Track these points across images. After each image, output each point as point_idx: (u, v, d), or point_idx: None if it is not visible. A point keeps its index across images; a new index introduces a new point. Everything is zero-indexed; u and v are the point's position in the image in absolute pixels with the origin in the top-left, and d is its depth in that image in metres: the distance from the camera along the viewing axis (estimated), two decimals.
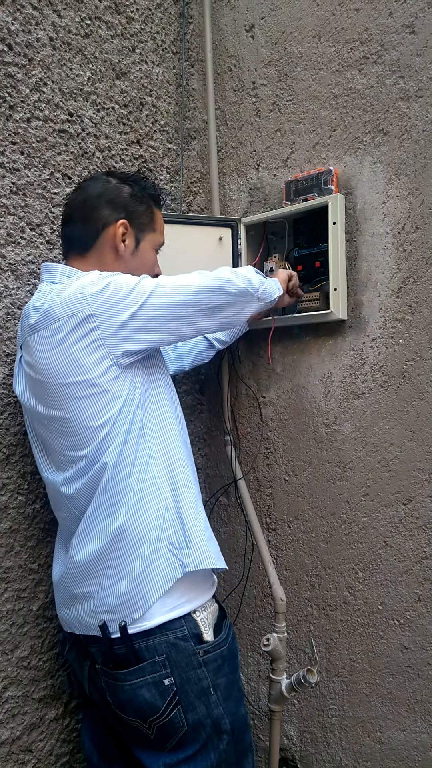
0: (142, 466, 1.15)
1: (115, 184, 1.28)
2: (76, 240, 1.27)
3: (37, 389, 1.17)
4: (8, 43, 1.33)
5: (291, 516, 1.69)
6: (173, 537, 1.14)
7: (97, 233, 1.25)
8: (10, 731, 1.34)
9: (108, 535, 1.12)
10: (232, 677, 1.18)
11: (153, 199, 1.32)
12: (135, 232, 1.28)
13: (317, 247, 1.58)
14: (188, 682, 1.12)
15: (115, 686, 1.12)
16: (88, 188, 1.28)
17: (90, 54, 1.52)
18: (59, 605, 1.25)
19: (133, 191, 1.29)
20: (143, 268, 1.31)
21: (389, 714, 1.51)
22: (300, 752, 1.69)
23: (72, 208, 1.29)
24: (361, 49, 1.52)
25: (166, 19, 1.76)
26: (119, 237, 1.26)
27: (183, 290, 1.17)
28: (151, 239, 1.32)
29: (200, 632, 1.14)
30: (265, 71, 1.71)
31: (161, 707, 1.10)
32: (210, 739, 1.14)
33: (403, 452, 1.48)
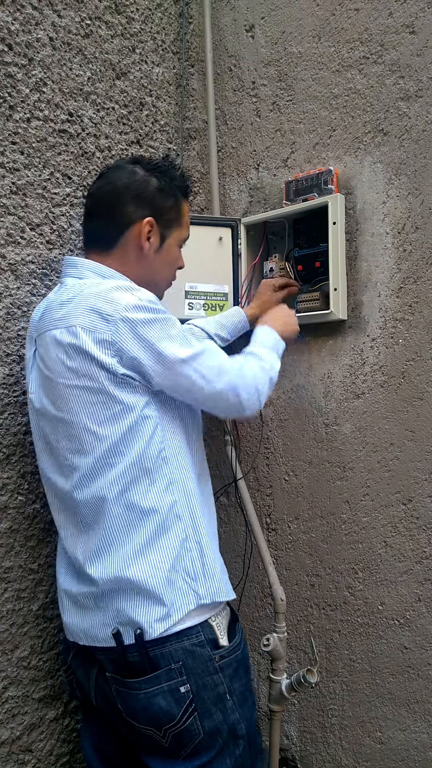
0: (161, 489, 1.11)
1: (142, 176, 1.21)
2: (99, 236, 1.21)
3: (47, 386, 1.14)
4: (8, 43, 1.33)
5: (291, 516, 1.69)
6: (189, 567, 1.11)
7: (121, 231, 1.20)
8: (10, 731, 1.34)
9: (125, 557, 1.08)
10: (246, 681, 1.16)
11: (181, 191, 1.26)
12: (160, 229, 1.22)
13: (317, 247, 1.58)
14: (205, 688, 1.09)
15: (128, 695, 1.09)
16: (114, 179, 1.21)
17: (90, 54, 1.52)
18: (65, 613, 1.20)
19: (160, 184, 1.22)
20: (166, 266, 1.27)
21: (389, 714, 1.51)
22: (300, 752, 1.69)
23: (95, 200, 1.22)
24: (361, 49, 1.52)
25: (166, 19, 1.76)
26: (144, 236, 1.20)
27: (205, 384, 1.12)
28: (176, 235, 1.26)
29: (216, 637, 1.12)
30: (265, 71, 1.71)
31: (177, 715, 1.07)
32: (226, 744, 1.11)
33: (403, 452, 1.48)
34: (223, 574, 1.17)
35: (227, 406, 1.17)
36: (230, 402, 1.15)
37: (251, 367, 1.19)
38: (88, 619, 1.13)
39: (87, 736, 1.28)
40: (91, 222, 1.23)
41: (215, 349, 1.15)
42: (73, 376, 1.09)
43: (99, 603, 1.11)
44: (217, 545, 1.19)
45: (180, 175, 1.26)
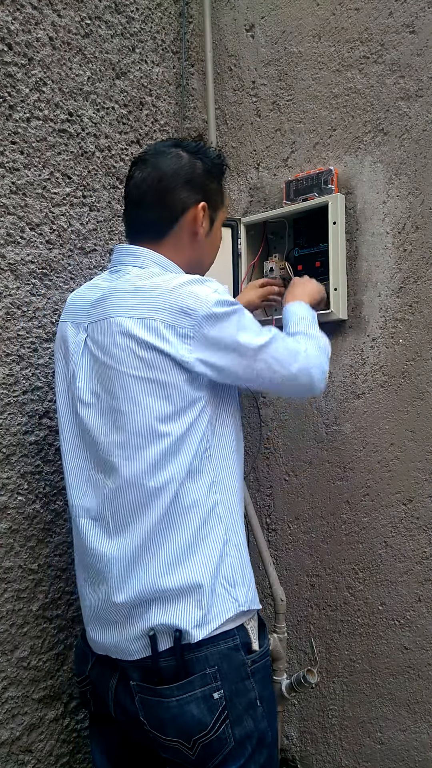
0: (204, 489, 1.08)
1: (187, 159, 1.17)
2: (150, 225, 1.17)
3: (104, 375, 1.09)
4: (8, 43, 1.33)
5: (291, 516, 1.68)
6: (229, 572, 1.08)
7: (175, 218, 1.16)
8: (10, 732, 1.33)
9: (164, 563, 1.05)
10: (272, 689, 1.14)
11: (221, 172, 1.24)
12: (210, 212, 1.20)
13: (317, 246, 1.58)
14: (237, 694, 1.04)
15: (156, 704, 1.03)
16: (160, 164, 1.16)
17: (90, 53, 1.52)
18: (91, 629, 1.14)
19: (206, 167, 1.19)
20: (214, 248, 1.26)
21: (389, 714, 1.51)
22: (300, 753, 1.69)
23: (143, 189, 1.17)
24: (361, 49, 1.52)
25: (166, 19, 1.75)
26: (200, 221, 1.17)
27: (281, 368, 1.13)
28: (221, 217, 1.25)
29: (250, 641, 1.08)
30: (265, 71, 1.71)
31: (209, 723, 1.02)
32: (254, 753, 1.06)
33: (403, 452, 1.48)
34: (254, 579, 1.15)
35: (301, 388, 1.19)
36: (303, 383, 1.18)
37: (312, 348, 1.21)
38: (118, 633, 1.08)
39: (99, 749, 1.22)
40: (140, 212, 1.18)
41: (282, 335, 1.18)
42: (146, 367, 1.05)
43: (132, 614, 1.06)
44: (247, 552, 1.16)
45: (217, 155, 1.24)
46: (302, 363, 1.16)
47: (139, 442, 1.06)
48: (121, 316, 1.07)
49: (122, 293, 1.10)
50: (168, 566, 1.05)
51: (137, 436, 1.06)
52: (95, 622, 1.12)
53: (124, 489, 1.07)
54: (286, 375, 1.14)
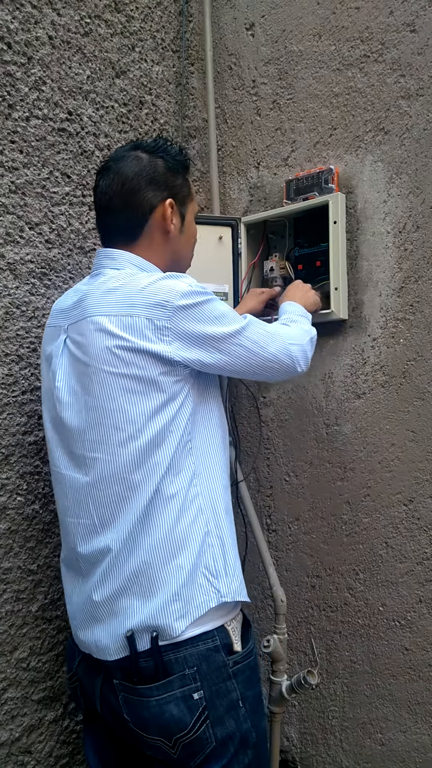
0: (185, 481, 1.09)
1: (148, 159, 1.19)
2: (121, 229, 1.19)
3: (82, 374, 1.11)
4: (7, 42, 1.33)
5: (291, 517, 1.68)
6: (211, 563, 1.09)
7: (144, 218, 1.18)
8: (9, 733, 1.33)
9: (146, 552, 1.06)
10: (257, 688, 1.14)
11: (183, 166, 1.25)
12: (179, 207, 1.21)
13: (318, 246, 1.58)
14: (218, 695, 1.05)
15: (138, 703, 1.04)
16: (121, 169, 1.18)
17: (89, 52, 1.52)
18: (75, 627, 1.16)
19: (167, 164, 1.20)
20: (189, 243, 1.27)
21: (390, 715, 1.51)
22: (300, 754, 1.69)
23: (108, 195, 1.18)
24: (361, 48, 1.51)
25: (165, 18, 1.75)
26: (169, 218, 1.19)
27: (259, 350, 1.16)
28: (191, 210, 1.26)
29: (231, 642, 1.09)
30: (265, 70, 1.70)
31: (189, 723, 1.03)
32: (236, 754, 1.07)
33: (404, 453, 1.47)
34: (241, 571, 1.15)
35: (281, 368, 1.20)
36: (284, 363, 1.20)
37: (293, 330, 1.25)
38: (99, 632, 1.09)
39: (90, 745, 1.24)
40: (109, 218, 1.20)
41: (258, 320, 1.19)
42: (121, 364, 1.07)
43: (112, 611, 1.07)
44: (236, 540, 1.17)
45: (179, 150, 1.24)
46: (280, 343, 1.19)
47: (119, 437, 1.07)
48: (98, 314, 1.10)
49: (99, 294, 1.12)
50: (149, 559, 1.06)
51: (118, 431, 1.07)
52: (79, 620, 1.14)
53: (105, 485, 1.09)
54: (265, 356, 1.16)
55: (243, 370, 1.17)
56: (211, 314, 1.11)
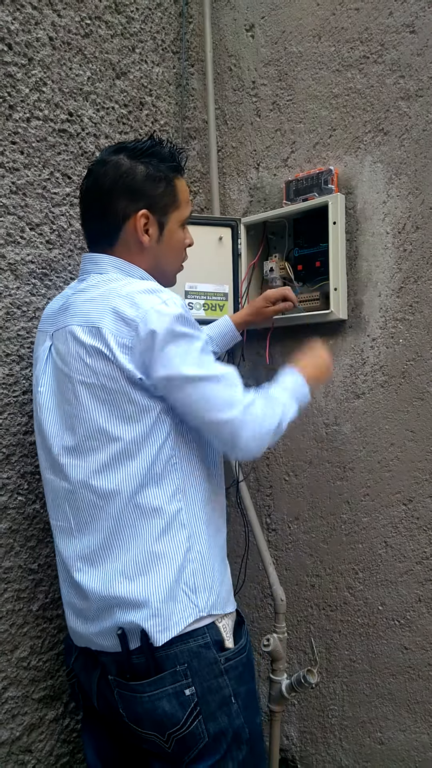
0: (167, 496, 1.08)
1: (128, 166, 1.15)
2: (99, 236, 1.18)
3: (62, 381, 1.12)
4: (8, 43, 1.33)
5: (291, 516, 1.68)
6: (191, 580, 1.08)
7: (117, 228, 1.16)
8: (10, 732, 1.33)
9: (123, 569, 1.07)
10: (251, 685, 1.15)
11: (173, 170, 1.19)
12: (157, 217, 1.17)
13: (317, 246, 1.58)
14: (210, 691, 1.06)
15: (131, 698, 1.06)
16: (99, 176, 1.16)
17: (90, 53, 1.52)
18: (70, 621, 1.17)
19: (148, 171, 1.15)
20: (171, 252, 1.22)
21: (389, 714, 1.51)
22: (300, 753, 1.69)
23: (86, 201, 1.18)
24: (361, 49, 1.52)
25: (166, 19, 1.75)
26: (141, 229, 1.15)
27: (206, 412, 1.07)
28: (176, 217, 1.20)
29: (222, 639, 1.10)
30: (265, 71, 1.71)
31: (182, 719, 1.04)
32: (230, 749, 1.09)
33: (403, 452, 1.48)
34: (223, 585, 1.14)
35: (223, 441, 1.11)
36: (226, 438, 1.09)
37: (262, 409, 1.11)
38: (92, 627, 1.11)
39: (89, 740, 1.26)
40: (87, 222, 1.21)
41: (232, 378, 1.10)
42: (92, 374, 1.07)
43: (101, 610, 1.09)
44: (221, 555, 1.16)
45: (169, 153, 1.19)
46: (233, 416, 1.07)
47: (89, 445, 1.08)
48: (74, 324, 1.10)
49: (79, 302, 1.12)
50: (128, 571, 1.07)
51: (87, 439, 1.08)
52: (73, 614, 1.15)
53: (77, 491, 1.10)
54: (208, 420, 1.07)
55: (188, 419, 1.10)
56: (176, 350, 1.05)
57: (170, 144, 1.21)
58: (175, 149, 1.21)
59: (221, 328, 1.53)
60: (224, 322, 1.53)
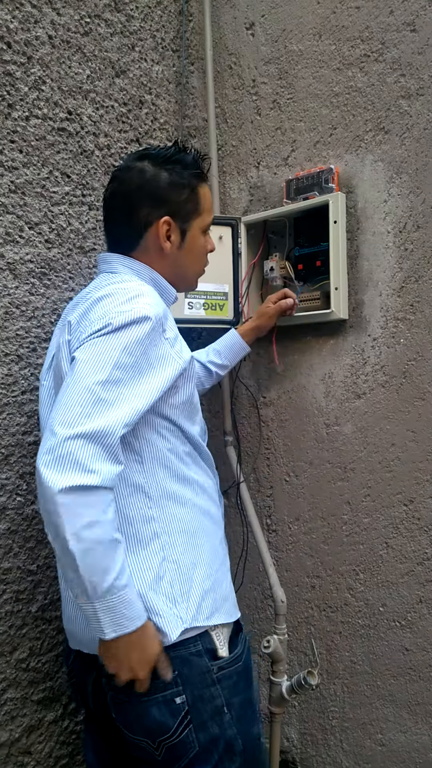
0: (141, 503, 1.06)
1: (152, 173, 1.16)
2: (120, 240, 1.19)
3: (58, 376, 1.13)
4: (7, 41, 1.32)
5: (291, 517, 1.68)
6: (168, 589, 1.05)
7: (139, 234, 1.17)
8: (9, 733, 1.33)
9: None
10: (247, 694, 1.12)
11: (195, 177, 1.19)
12: (179, 224, 1.18)
13: (318, 246, 1.57)
14: (201, 700, 1.04)
15: (123, 703, 1.05)
16: (124, 181, 1.17)
17: (89, 52, 1.51)
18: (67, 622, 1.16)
19: (172, 178, 1.16)
20: (192, 258, 1.22)
21: (390, 716, 1.51)
22: (300, 754, 1.68)
23: (109, 205, 1.20)
24: (362, 47, 1.51)
25: (165, 17, 1.75)
26: (163, 236, 1.16)
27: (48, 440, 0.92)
28: (198, 225, 1.21)
29: (215, 647, 1.08)
30: (265, 69, 1.70)
31: (172, 727, 1.03)
32: (221, 760, 1.07)
33: (404, 453, 1.47)
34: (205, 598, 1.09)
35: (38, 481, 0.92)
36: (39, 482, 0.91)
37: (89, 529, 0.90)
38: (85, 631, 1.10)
39: (89, 745, 1.25)
40: (110, 227, 1.21)
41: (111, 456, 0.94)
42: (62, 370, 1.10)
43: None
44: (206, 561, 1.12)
45: (192, 160, 1.20)
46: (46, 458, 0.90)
47: None
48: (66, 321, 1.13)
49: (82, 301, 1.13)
50: None
51: None
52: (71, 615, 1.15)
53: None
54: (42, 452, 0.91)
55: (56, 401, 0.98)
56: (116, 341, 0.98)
57: (194, 151, 1.22)
58: (198, 156, 1.22)
59: (228, 340, 1.54)
60: (231, 334, 1.55)
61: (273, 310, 1.54)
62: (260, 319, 1.55)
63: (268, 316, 1.54)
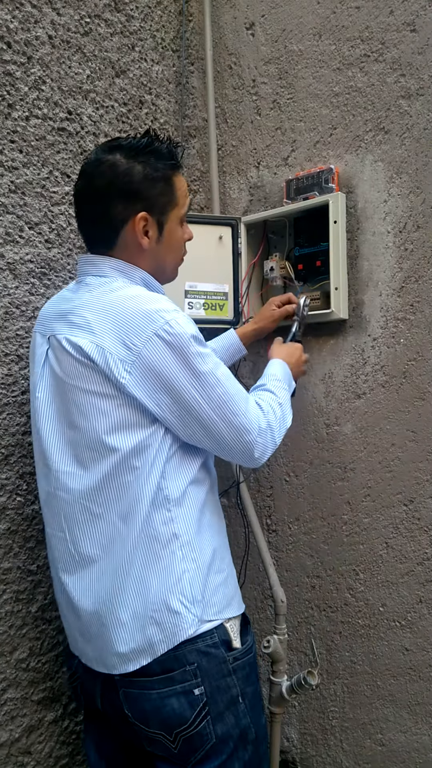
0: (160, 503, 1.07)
1: (124, 167, 1.10)
2: (96, 238, 1.16)
3: (60, 389, 1.10)
4: (7, 41, 1.32)
5: (291, 517, 1.68)
6: (189, 589, 1.07)
7: (116, 232, 1.13)
8: (9, 733, 1.33)
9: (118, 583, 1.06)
10: (257, 686, 1.14)
11: (170, 168, 1.15)
12: (156, 217, 1.14)
13: (318, 246, 1.57)
14: (218, 691, 1.06)
15: (139, 696, 1.05)
16: (95, 177, 1.12)
17: (89, 52, 1.51)
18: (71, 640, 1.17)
19: (146, 171, 1.11)
20: (171, 251, 1.20)
21: (390, 716, 1.51)
22: (300, 754, 1.69)
23: (81, 203, 1.15)
24: (362, 47, 1.51)
25: (165, 17, 1.75)
26: (140, 232, 1.12)
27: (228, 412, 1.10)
28: (175, 215, 1.17)
29: (230, 639, 1.09)
30: (265, 69, 1.70)
31: (190, 718, 1.04)
32: (236, 749, 1.08)
33: (404, 453, 1.47)
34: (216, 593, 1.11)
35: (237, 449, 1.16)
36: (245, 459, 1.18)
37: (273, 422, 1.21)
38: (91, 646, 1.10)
39: (91, 742, 1.25)
40: (83, 225, 1.17)
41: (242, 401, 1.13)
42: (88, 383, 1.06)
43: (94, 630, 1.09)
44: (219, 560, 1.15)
45: (167, 149, 1.15)
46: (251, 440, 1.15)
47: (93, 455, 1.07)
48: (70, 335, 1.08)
49: (80, 309, 1.10)
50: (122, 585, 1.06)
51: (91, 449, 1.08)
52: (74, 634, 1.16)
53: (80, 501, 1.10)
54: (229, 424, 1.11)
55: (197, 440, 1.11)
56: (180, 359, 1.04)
57: (168, 140, 1.18)
58: (172, 145, 1.18)
59: (225, 341, 1.53)
60: (229, 335, 1.54)
61: (276, 314, 1.52)
62: (262, 322, 1.54)
63: (270, 320, 1.53)
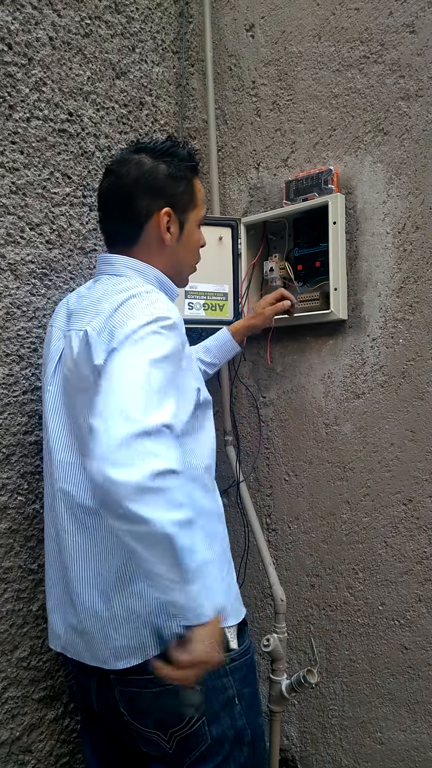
0: None
1: (149, 165, 1.15)
2: (119, 235, 1.18)
3: (66, 387, 1.12)
4: (8, 43, 1.33)
5: (291, 516, 1.68)
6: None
7: (140, 227, 1.16)
8: (10, 732, 1.33)
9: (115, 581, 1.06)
10: (254, 686, 1.14)
11: (191, 170, 1.20)
12: (178, 215, 1.17)
13: (317, 246, 1.58)
14: (214, 691, 1.05)
15: (134, 695, 1.05)
16: (121, 174, 1.16)
17: (90, 53, 1.52)
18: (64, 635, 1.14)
19: (170, 170, 1.16)
20: (189, 251, 1.23)
21: (389, 714, 1.51)
22: (300, 753, 1.69)
23: (106, 200, 1.18)
24: (361, 49, 1.52)
25: (165, 19, 1.75)
26: (164, 227, 1.16)
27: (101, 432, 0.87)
28: (194, 217, 1.21)
29: (227, 639, 1.09)
30: (265, 71, 1.71)
31: (185, 718, 1.04)
32: (231, 751, 1.08)
33: (403, 452, 1.48)
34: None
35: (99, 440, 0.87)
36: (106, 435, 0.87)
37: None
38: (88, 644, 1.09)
39: (87, 741, 1.25)
40: (108, 223, 1.20)
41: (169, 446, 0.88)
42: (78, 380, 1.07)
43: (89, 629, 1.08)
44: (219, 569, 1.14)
45: (187, 154, 1.20)
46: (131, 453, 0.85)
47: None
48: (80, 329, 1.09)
49: (87, 306, 1.11)
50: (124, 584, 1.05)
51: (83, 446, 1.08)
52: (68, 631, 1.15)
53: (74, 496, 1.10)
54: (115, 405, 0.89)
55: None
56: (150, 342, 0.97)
57: (187, 145, 1.23)
58: (192, 150, 1.22)
59: (219, 338, 1.53)
60: (222, 332, 1.54)
61: (270, 311, 1.52)
62: (255, 318, 1.54)
63: (264, 317, 1.53)
